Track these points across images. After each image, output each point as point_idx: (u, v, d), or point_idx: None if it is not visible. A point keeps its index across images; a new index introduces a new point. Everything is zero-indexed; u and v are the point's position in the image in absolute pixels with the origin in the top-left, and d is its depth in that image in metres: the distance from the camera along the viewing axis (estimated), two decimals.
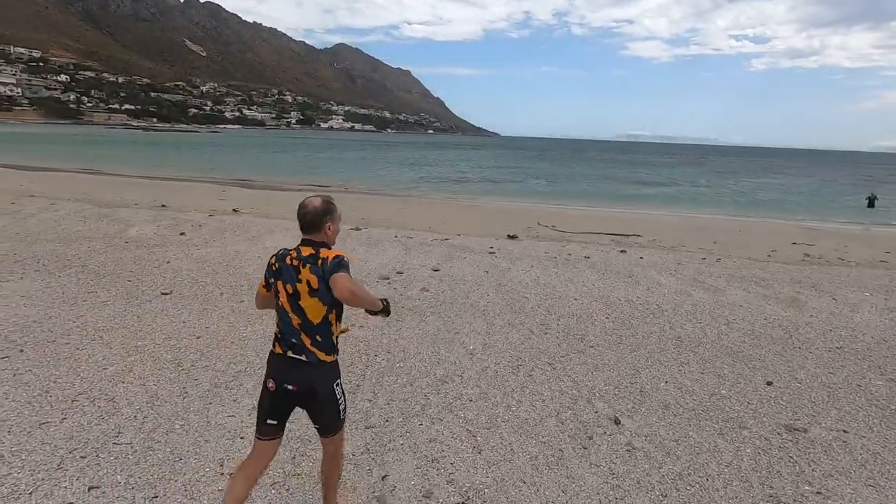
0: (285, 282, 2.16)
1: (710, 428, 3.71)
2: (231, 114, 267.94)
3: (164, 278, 7.01)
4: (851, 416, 4.01)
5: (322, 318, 2.16)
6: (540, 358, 4.87)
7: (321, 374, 2.18)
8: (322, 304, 2.13)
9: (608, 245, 11.37)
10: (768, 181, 45.87)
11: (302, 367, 2.16)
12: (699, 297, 7.26)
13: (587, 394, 4.17)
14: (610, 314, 6.30)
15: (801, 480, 3.14)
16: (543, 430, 3.56)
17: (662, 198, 28.29)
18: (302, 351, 2.16)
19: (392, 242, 10.12)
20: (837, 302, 7.31)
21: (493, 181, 34.84)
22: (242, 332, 5.23)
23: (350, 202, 17.84)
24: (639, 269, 8.79)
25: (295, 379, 2.17)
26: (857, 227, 18.25)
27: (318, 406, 2.22)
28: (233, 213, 13.54)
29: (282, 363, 2.21)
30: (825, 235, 15.03)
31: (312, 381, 2.17)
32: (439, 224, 13.66)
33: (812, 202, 29.18)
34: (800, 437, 3.63)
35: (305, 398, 2.21)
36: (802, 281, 8.45)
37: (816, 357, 5.23)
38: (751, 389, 4.39)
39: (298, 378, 2.17)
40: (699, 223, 17.34)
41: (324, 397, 2.20)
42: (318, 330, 2.16)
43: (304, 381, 2.16)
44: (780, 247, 12.40)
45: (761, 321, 6.30)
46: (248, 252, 8.75)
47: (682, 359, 5.03)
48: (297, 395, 2.19)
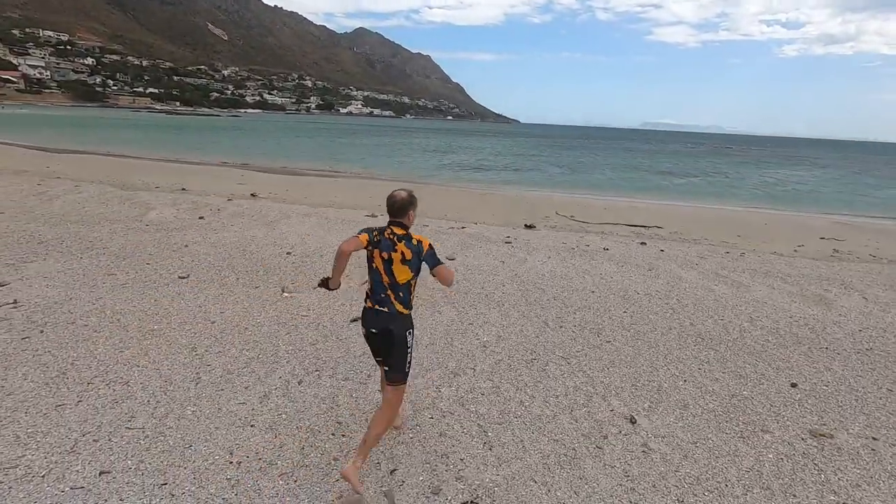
0: (382, 250, 2.78)
1: (730, 430, 3.59)
2: (252, 98, 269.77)
3: (182, 262, 7.08)
4: (881, 423, 3.83)
5: (406, 281, 2.81)
6: (555, 352, 4.77)
7: (398, 322, 2.80)
8: (409, 272, 2.81)
9: (628, 237, 11.13)
10: (796, 172, 44.41)
11: (383, 316, 2.79)
12: (721, 292, 7.05)
13: (602, 391, 4.07)
14: (628, 308, 6.15)
15: (826, 489, 3.01)
16: (556, 428, 3.48)
17: (685, 189, 27.61)
18: (386, 304, 2.79)
19: None
20: (868, 301, 7.03)
21: (512, 169, 34.44)
22: (257, 317, 5.24)
23: (368, 189, 17.83)
24: (659, 262, 8.58)
25: (377, 324, 2.79)
26: (891, 223, 17.54)
27: (392, 347, 2.79)
28: (251, 198, 13.63)
29: (370, 314, 2.84)
30: (856, 230, 14.47)
31: (390, 326, 2.77)
32: (456, 212, 13.54)
33: (843, 195, 28.15)
34: (825, 444, 3.48)
35: (384, 338, 2.80)
36: (831, 278, 8.14)
37: (844, 359, 5.03)
38: (774, 391, 4.24)
39: (380, 323, 2.79)
40: (723, 216, 16.87)
41: (398, 340, 2.79)
42: (401, 289, 2.81)
43: (384, 325, 2.78)
44: (808, 241, 11.98)
45: (786, 319, 6.09)
46: (265, 237, 8.79)
47: (703, 357, 4.88)
48: (378, 336, 2.80)
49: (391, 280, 2.80)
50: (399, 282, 2.80)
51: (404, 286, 2.82)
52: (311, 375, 4.03)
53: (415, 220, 2.93)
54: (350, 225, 10.21)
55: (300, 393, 3.76)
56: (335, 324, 5.16)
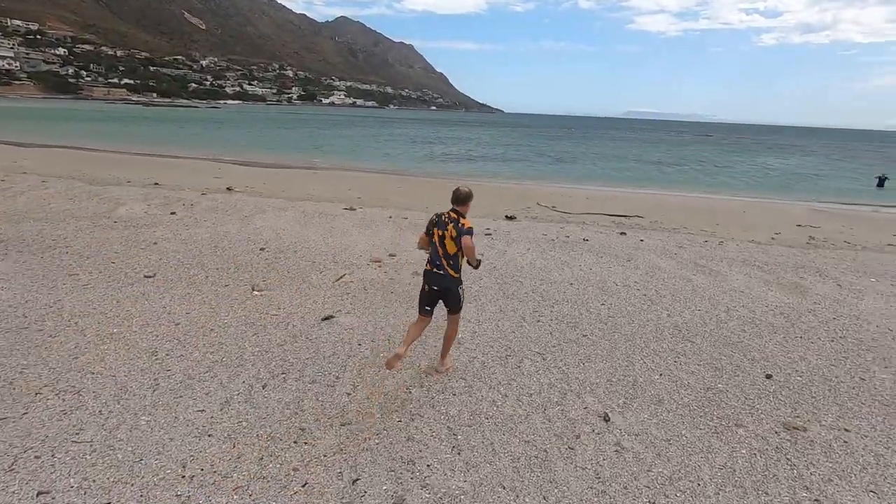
0: (439, 228, 3.77)
1: (704, 426, 3.54)
2: (231, 89, 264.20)
3: (150, 260, 6.82)
4: (853, 413, 3.82)
5: (454, 252, 3.76)
6: (530, 348, 4.68)
7: (452, 281, 3.81)
8: (455, 246, 3.72)
9: (608, 227, 11.10)
10: (774, 160, 45.04)
11: (440, 277, 3.80)
12: (699, 282, 7.03)
13: (577, 387, 3.99)
14: (606, 300, 6.09)
15: (798, 485, 2.97)
16: (528, 428, 3.39)
17: (666, 177, 27.78)
18: (441, 268, 3.79)
19: (386, 223, 9.89)
20: (842, 288, 7.08)
21: (497, 160, 34.31)
22: (224, 318, 5.05)
23: (348, 181, 17.54)
24: (638, 252, 8.55)
25: (437, 283, 3.82)
26: (865, 209, 17.85)
27: (449, 298, 3.88)
28: (226, 192, 13.28)
29: (431, 275, 3.85)
30: (831, 217, 14.68)
31: (447, 284, 3.81)
32: (437, 204, 13.37)
33: (818, 182, 28.61)
34: (798, 437, 3.45)
35: (443, 293, 3.85)
36: (806, 266, 8.20)
37: (819, 348, 5.03)
38: (749, 383, 4.21)
39: (439, 283, 3.81)
40: (703, 204, 16.98)
41: (452, 294, 3.86)
42: (451, 258, 3.78)
43: (442, 284, 3.81)
44: (785, 229, 12.10)
45: (762, 308, 6.09)
46: (238, 233, 8.54)
47: (679, 349, 4.84)
48: (438, 292, 3.85)
49: (444, 251, 3.78)
50: (449, 253, 3.77)
51: (453, 256, 3.78)
52: (276, 379, 3.88)
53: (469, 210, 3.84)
54: (328, 219, 10.00)
55: (263, 398, 3.60)
56: (305, 323, 4.99)
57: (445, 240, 3.72)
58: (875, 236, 11.74)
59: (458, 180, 20.99)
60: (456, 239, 3.67)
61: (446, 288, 3.82)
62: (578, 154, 41.54)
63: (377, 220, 10.09)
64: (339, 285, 6.19)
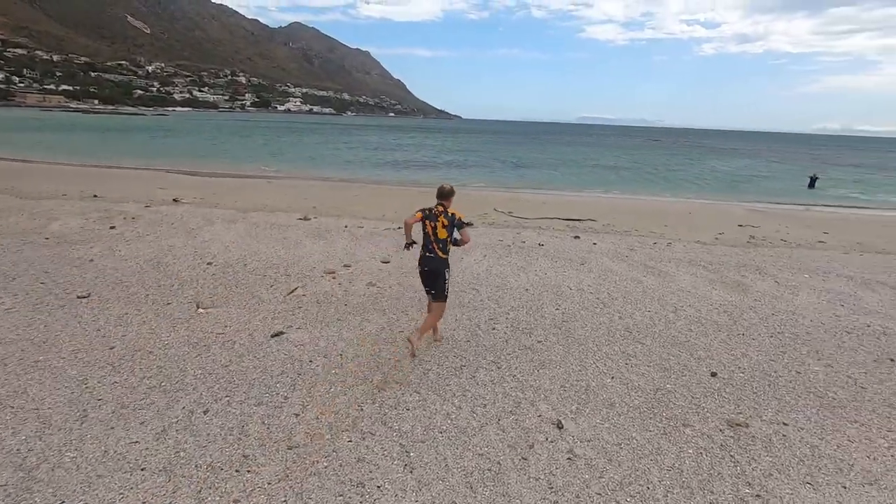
0: (430, 221, 4.43)
1: (653, 428, 3.61)
2: (180, 95, 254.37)
3: (84, 279, 6.40)
4: (791, 407, 4.00)
5: (444, 238, 4.42)
6: (485, 357, 4.66)
7: (441, 262, 4.47)
8: (446, 232, 4.41)
9: (563, 231, 11.32)
10: (717, 163, 47.46)
11: (430, 259, 4.46)
12: (649, 283, 7.25)
13: (531, 395, 3.99)
14: (560, 305, 6.17)
15: (741, 482, 3.06)
16: (482, 440, 3.35)
17: (618, 181, 28.73)
18: (432, 252, 4.45)
19: (341, 233, 9.70)
20: (780, 285, 7.47)
21: (455, 166, 34.48)
22: (165, 338, 4.78)
23: (303, 191, 17.16)
24: (592, 255, 8.74)
25: (428, 265, 4.48)
26: (798, 208, 19.03)
27: (436, 280, 4.48)
28: (172, 204, 12.70)
29: (424, 259, 4.51)
30: (769, 217, 15.55)
31: (436, 265, 4.46)
32: (394, 212, 13.26)
33: (758, 183, 30.34)
34: (741, 433, 3.57)
35: (433, 274, 4.47)
36: (747, 264, 8.62)
37: (759, 344, 5.26)
38: (695, 382, 4.34)
39: (430, 264, 4.47)
40: (652, 206, 17.63)
41: (439, 275, 4.47)
42: (441, 242, 4.44)
43: (433, 265, 4.46)
44: (728, 229, 12.71)
45: (707, 307, 6.33)
46: (184, 247, 8.15)
47: (630, 351, 4.94)
48: (429, 272, 4.49)
49: (435, 238, 4.45)
50: (440, 238, 4.45)
51: (443, 241, 4.46)
52: (219, 403, 3.68)
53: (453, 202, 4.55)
54: (281, 230, 9.71)
55: (204, 424, 3.40)
56: (253, 341, 4.79)
57: (437, 228, 4.44)
58: (808, 234, 12.51)
59: (417, 188, 20.96)
60: (448, 227, 4.42)
61: (436, 269, 4.48)
62: (535, 159, 42.37)
63: (332, 230, 9.89)
64: (290, 299, 5.99)
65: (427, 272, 4.51)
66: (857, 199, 24.11)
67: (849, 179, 34.97)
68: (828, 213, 17.77)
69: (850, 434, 3.66)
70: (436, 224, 4.40)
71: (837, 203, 22.09)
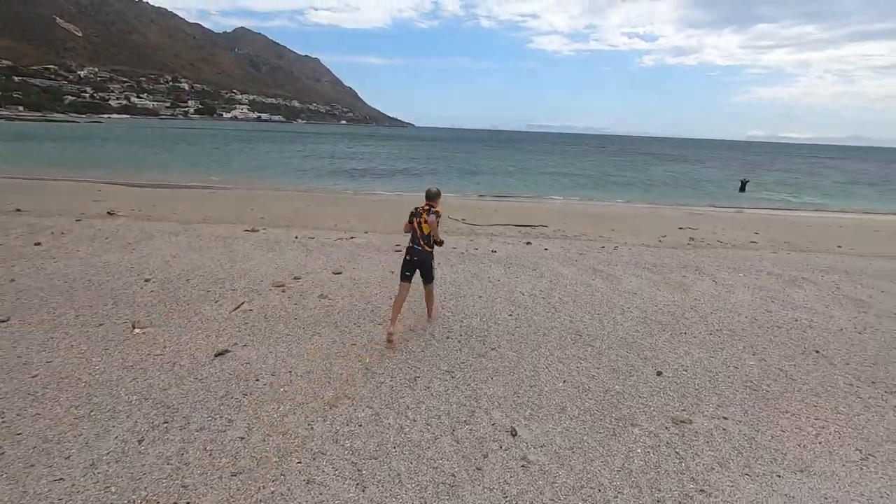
0: (416, 217, 5.13)
1: (603, 429, 3.69)
2: (117, 102, 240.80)
3: (3, 302, 5.87)
4: (730, 401, 4.21)
5: (428, 233, 5.09)
6: (439, 366, 4.63)
7: (427, 255, 5.16)
8: (428, 228, 5.04)
9: (515, 237, 11.50)
10: (660, 168, 49.92)
11: (418, 251, 5.11)
12: (598, 286, 7.47)
13: (486, 403, 3.99)
14: (513, 311, 6.24)
15: (685, 478, 3.17)
16: (437, 453, 3.31)
17: (568, 187, 29.63)
18: (419, 244, 5.11)
19: (292, 244, 9.43)
20: (717, 284, 7.89)
21: (409, 174, 34.45)
22: (96, 363, 4.44)
23: (250, 201, 16.59)
24: (543, 261, 8.92)
25: (416, 255, 5.12)
26: (731, 211, 20.26)
27: (424, 268, 5.20)
28: (107, 217, 11.94)
29: (412, 250, 5.12)
30: (706, 219, 16.46)
31: (422, 256, 5.13)
32: (346, 221, 13.06)
33: (695, 188, 32.12)
34: (685, 430, 3.72)
35: (420, 263, 5.13)
36: (688, 265, 9.06)
37: (700, 341, 5.52)
38: (642, 382, 4.48)
39: (417, 255, 5.12)
40: (599, 211, 18.27)
41: (427, 264, 5.21)
42: (426, 237, 5.11)
43: (420, 256, 5.12)
44: (669, 232, 13.34)
45: (652, 308, 6.59)
46: (119, 263, 7.66)
47: (581, 354, 5.05)
48: (416, 262, 5.11)
49: (420, 232, 5.16)
50: (424, 233, 5.15)
51: (427, 236, 5.15)
52: (156, 430, 3.45)
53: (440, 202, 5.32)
54: (226, 242, 9.32)
55: (139, 455, 3.18)
56: (195, 361, 4.54)
57: (422, 224, 5.14)
58: (741, 235, 13.33)
59: (370, 196, 20.78)
60: (430, 224, 5.09)
61: (423, 259, 5.16)
62: (487, 167, 43.00)
63: (282, 242, 9.59)
64: (236, 315, 5.74)
65: (412, 261, 5.16)
66: (784, 202, 25.99)
67: (776, 183, 37.66)
68: (758, 215, 19.02)
69: (782, 424, 3.89)
70: (420, 220, 5.13)
71: (766, 205, 23.72)
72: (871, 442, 3.70)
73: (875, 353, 5.41)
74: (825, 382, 4.65)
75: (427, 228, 5.08)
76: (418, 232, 5.14)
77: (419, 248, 5.14)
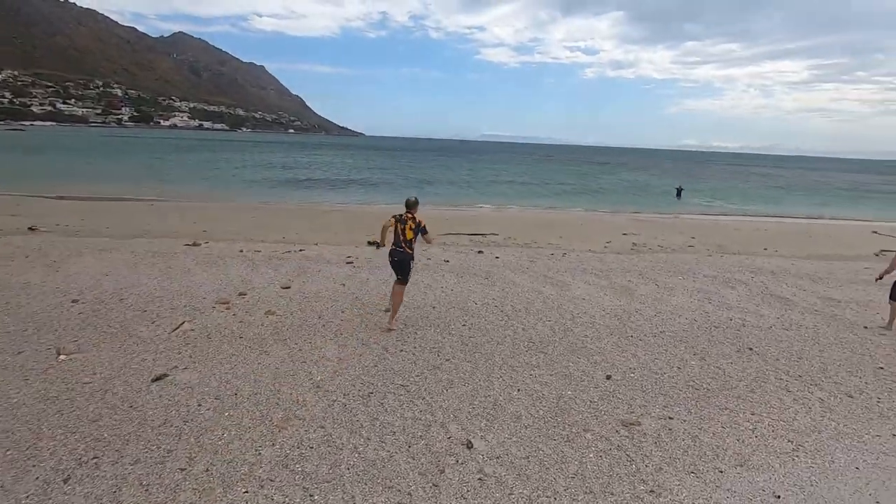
0: (401, 223, 5.69)
1: (557, 436, 3.74)
2: (41, 108, 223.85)
3: None
4: (674, 401, 4.39)
5: (411, 238, 5.70)
6: (394, 381, 4.55)
7: (407, 256, 5.74)
8: (412, 234, 5.69)
9: (467, 246, 11.59)
10: (606, 176, 52.06)
11: (400, 253, 5.71)
12: (548, 293, 7.63)
13: (441, 416, 3.95)
14: (467, 321, 6.26)
15: (636, 480, 3.26)
16: (392, 471, 3.23)
17: (517, 195, 30.29)
18: (401, 247, 5.70)
19: (236, 258, 9.04)
20: (659, 287, 8.27)
21: (361, 184, 34.06)
22: (13, 397, 4.05)
23: (191, 214, 15.82)
24: (495, 269, 9.03)
25: (398, 256, 5.74)
26: (669, 217, 21.39)
27: (402, 268, 5.78)
28: (28, 233, 11.01)
29: (394, 252, 5.74)
30: (647, 225, 17.28)
31: (404, 258, 5.74)
32: (295, 233, 12.69)
33: (636, 194, 33.72)
34: (634, 432, 3.83)
35: (399, 264, 5.76)
36: (632, 269, 9.44)
37: (645, 344, 5.74)
38: (593, 387, 4.60)
39: (398, 256, 5.74)
40: (548, 218, 18.77)
41: (407, 265, 5.79)
42: (408, 242, 5.70)
43: (401, 258, 5.73)
44: (614, 238, 13.89)
45: (601, 313, 6.80)
46: (42, 283, 7.06)
47: (534, 361, 5.12)
48: (397, 262, 5.76)
49: (403, 237, 5.69)
50: (407, 238, 5.70)
51: (409, 241, 5.71)
52: (84, 467, 3.17)
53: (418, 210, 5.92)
54: (165, 258, 8.81)
55: (64, 496, 2.90)
56: (130, 388, 4.23)
57: (406, 230, 5.70)
58: (679, 239, 14.08)
59: (319, 206, 20.35)
60: (414, 230, 5.70)
61: (402, 259, 5.76)
62: (440, 176, 43.27)
63: (226, 256, 9.18)
64: (176, 336, 5.41)
65: (396, 261, 5.79)
66: (716, 207, 27.73)
67: (709, 190, 40.17)
68: (694, 220, 20.18)
69: (722, 421, 4.09)
70: (404, 227, 5.70)
71: (700, 211, 25.22)
72: (801, 433, 3.97)
73: (800, 348, 5.83)
74: (758, 378, 4.95)
75: (410, 234, 5.71)
76: (402, 236, 5.70)
77: (401, 249, 5.73)
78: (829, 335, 6.30)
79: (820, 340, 6.09)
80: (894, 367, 5.36)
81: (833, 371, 5.21)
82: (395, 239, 5.74)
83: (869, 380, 5.03)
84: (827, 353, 5.71)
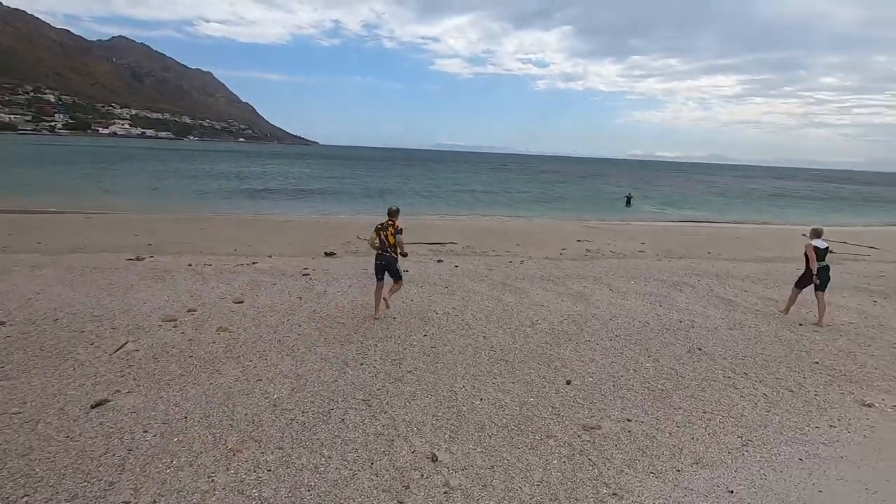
0: (383, 231, 6.49)
1: (521, 444, 3.75)
2: None
3: None
4: (632, 403, 4.51)
5: (392, 243, 6.48)
6: (355, 395, 4.44)
7: (392, 260, 6.55)
8: (394, 239, 6.47)
9: (426, 255, 11.56)
10: (557, 184, 53.51)
11: (385, 257, 6.50)
12: (508, 300, 7.70)
13: (404, 430, 3.88)
14: (428, 331, 6.21)
15: (599, 483, 3.31)
16: (355, 491, 3.14)
17: (474, 203, 30.60)
18: (386, 251, 6.48)
19: (184, 272, 8.61)
20: (613, 292, 8.52)
21: (316, 194, 33.36)
22: None
23: (136, 226, 14.98)
24: (454, 278, 9.04)
25: (383, 260, 6.52)
26: (620, 223, 22.20)
27: (391, 270, 6.62)
28: None
29: (380, 256, 6.52)
30: (599, 232, 17.85)
31: (389, 261, 6.54)
32: (248, 245, 12.26)
33: (588, 202, 34.85)
34: (595, 436, 3.90)
35: (386, 266, 6.56)
36: (587, 275, 9.70)
37: (602, 348, 5.89)
38: (554, 392, 4.66)
39: (384, 260, 6.52)
40: (505, 226, 19.04)
41: (392, 266, 6.60)
42: (391, 247, 6.49)
43: (385, 261, 6.53)
44: (569, 245, 14.25)
45: (559, 319, 6.92)
46: None
47: (496, 370, 5.14)
48: (383, 265, 6.54)
49: (388, 244, 6.41)
50: (390, 243, 6.43)
51: (393, 246, 6.44)
52: None
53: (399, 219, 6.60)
54: (105, 273, 8.28)
55: None
56: (66, 416, 3.91)
57: (388, 237, 6.39)
58: (630, 245, 14.61)
59: (273, 217, 19.75)
60: (395, 235, 6.39)
61: (388, 262, 6.48)
62: (397, 185, 43.10)
63: (173, 270, 8.73)
64: (118, 357, 5.07)
65: (381, 264, 6.51)
66: (663, 214, 29.05)
67: (655, 197, 42.05)
68: (643, 227, 21.03)
69: (677, 420, 4.24)
70: (386, 234, 6.42)
71: (649, 218, 26.34)
72: (749, 428, 4.16)
73: (745, 346, 6.15)
74: (708, 377, 5.18)
75: (392, 239, 6.40)
76: (386, 243, 6.43)
77: (386, 254, 6.46)
78: (770, 333, 6.68)
79: (762, 339, 6.45)
80: (828, 362, 5.74)
81: (775, 367, 5.52)
82: (381, 245, 6.46)
83: (807, 374, 5.37)
84: (768, 350, 6.05)
